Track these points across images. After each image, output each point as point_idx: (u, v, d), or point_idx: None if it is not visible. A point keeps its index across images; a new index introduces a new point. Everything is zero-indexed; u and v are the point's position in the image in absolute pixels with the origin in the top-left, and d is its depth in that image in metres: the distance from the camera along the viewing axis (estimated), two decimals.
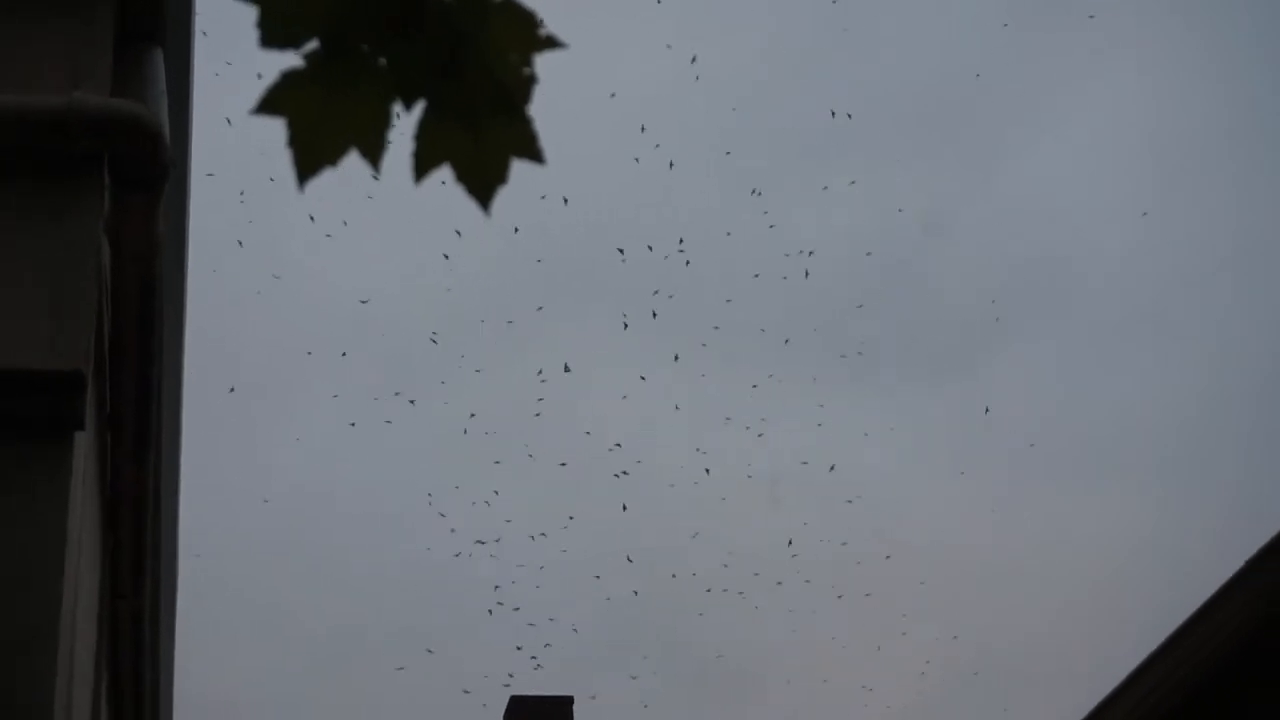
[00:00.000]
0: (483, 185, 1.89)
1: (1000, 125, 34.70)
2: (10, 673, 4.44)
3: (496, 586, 20.93)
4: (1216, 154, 35.63)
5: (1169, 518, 34.68)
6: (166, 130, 5.30)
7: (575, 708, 21.23)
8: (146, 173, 5.23)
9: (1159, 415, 35.87)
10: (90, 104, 4.99)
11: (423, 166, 1.90)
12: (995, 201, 34.48)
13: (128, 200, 5.28)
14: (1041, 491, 35.08)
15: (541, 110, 1.92)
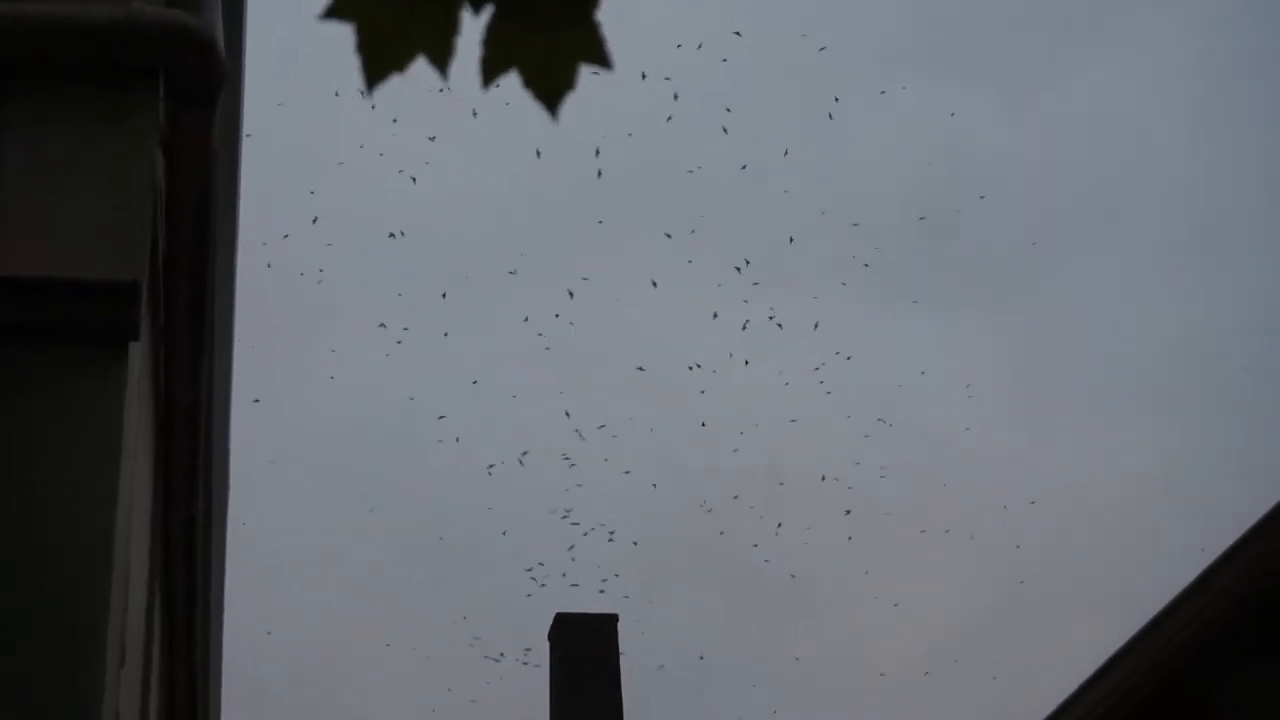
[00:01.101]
0: (551, 91, 1.88)
1: (1054, 50, 34.40)
2: (65, 580, 4.49)
3: (557, 512, 21.01)
4: (1267, 84, 35.26)
5: (1210, 444, 34.54)
6: (221, 43, 5.30)
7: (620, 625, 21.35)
8: (201, 86, 5.24)
9: (1202, 344, 35.69)
10: (147, 15, 5.00)
11: (490, 72, 1.89)
12: (1048, 131, 34.23)
13: (182, 113, 5.29)
14: (1088, 417, 34.99)
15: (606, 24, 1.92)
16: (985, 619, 34.78)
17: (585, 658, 20.80)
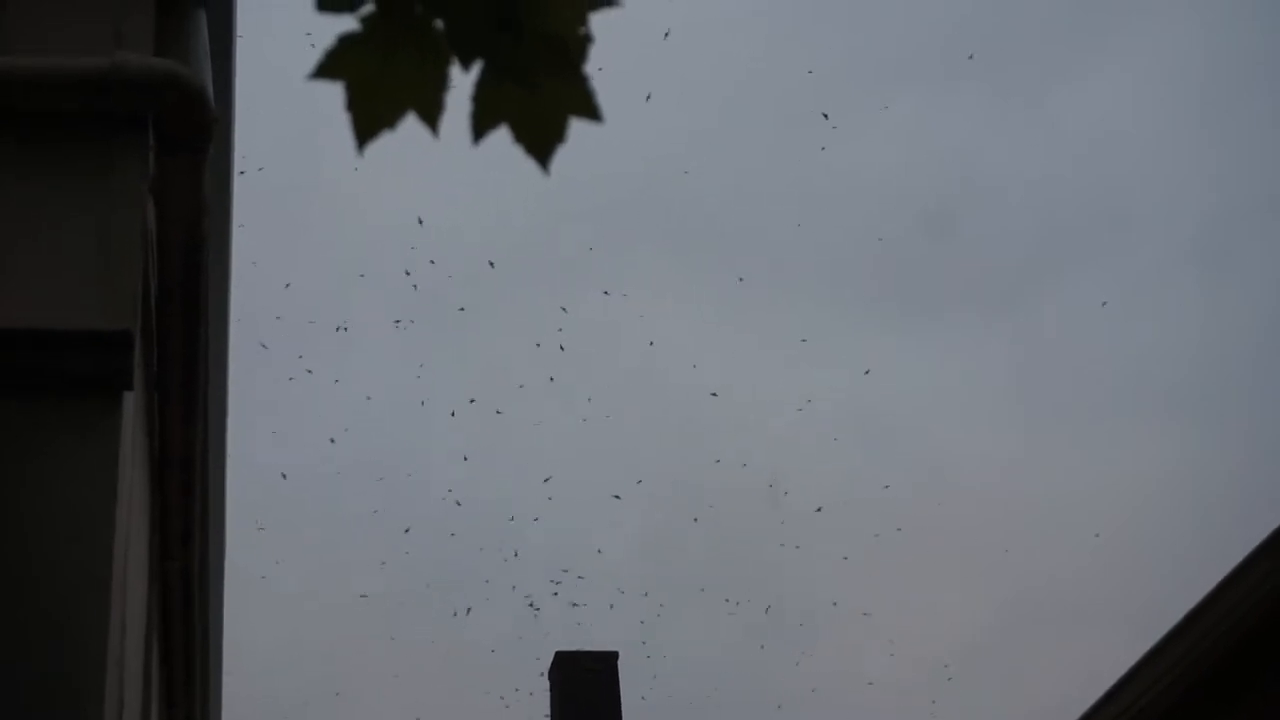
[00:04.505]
0: (541, 144, 1.88)
1: (1051, 57, 34.51)
2: (64, 630, 4.47)
3: (536, 518, 20.97)
4: (1266, 89, 35.37)
5: (1211, 450, 34.55)
6: (210, 90, 5.30)
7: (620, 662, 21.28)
8: (190, 133, 5.23)
9: (1202, 349, 35.71)
10: (133, 64, 4.99)
11: (481, 127, 1.89)
12: (1046, 139, 34.31)
13: (172, 160, 5.28)
14: (1087, 428, 35.00)
15: (599, 58, 1.90)
16: (989, 631, 34.75)
17: (586, 696, 20.72)
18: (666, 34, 17.11)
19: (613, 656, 21.18)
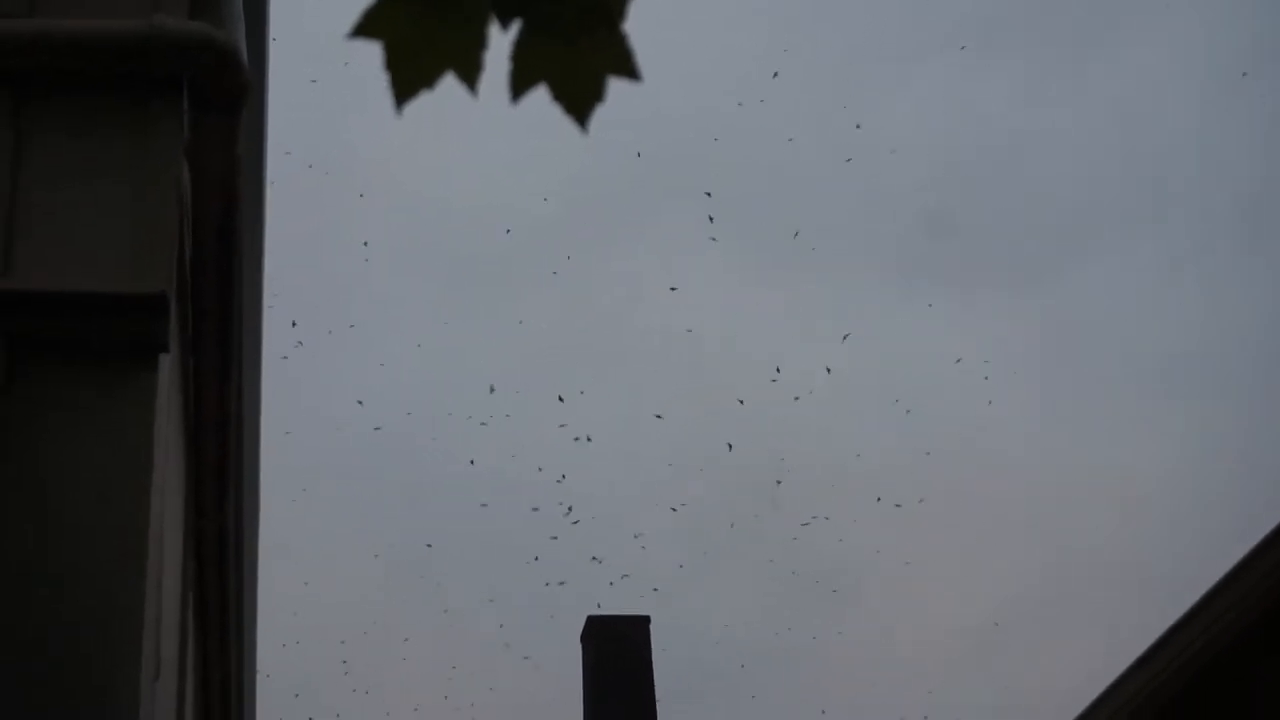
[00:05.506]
0: (580, 103, 1.89)
1: (1079, 35, 34.31)
2: (99, 592, 4.51)
3: (570, 508, 21.02)
4: None
5: (1234, 430, 34.40)
6: (244, 54, 5.31)
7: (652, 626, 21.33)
8: (225, 96, 5.25)
9: (1235, 333, 35.53)
10: (170, 27, 5.01)
11: (519, 86, 1.90)
12: (1085, 110, 34.11)
13: (207, 123, 5.30)
14: (1108, 405, 34.89)
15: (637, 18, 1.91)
16: (1019, 600, 34.73)
17: (618, 660, 20.78)
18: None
19: (644, 620, 21.22)
